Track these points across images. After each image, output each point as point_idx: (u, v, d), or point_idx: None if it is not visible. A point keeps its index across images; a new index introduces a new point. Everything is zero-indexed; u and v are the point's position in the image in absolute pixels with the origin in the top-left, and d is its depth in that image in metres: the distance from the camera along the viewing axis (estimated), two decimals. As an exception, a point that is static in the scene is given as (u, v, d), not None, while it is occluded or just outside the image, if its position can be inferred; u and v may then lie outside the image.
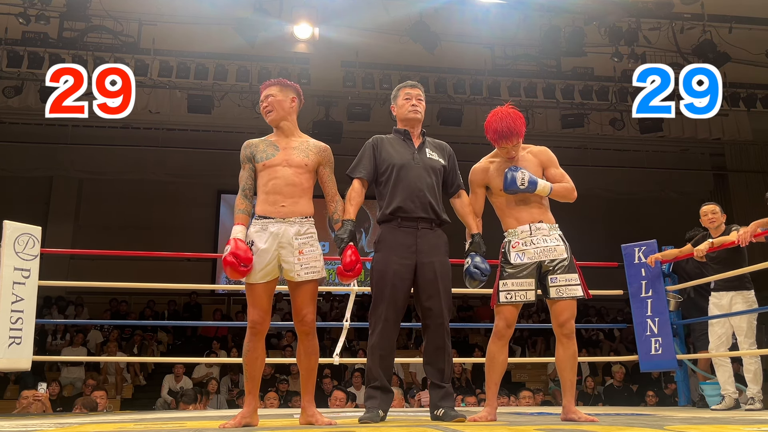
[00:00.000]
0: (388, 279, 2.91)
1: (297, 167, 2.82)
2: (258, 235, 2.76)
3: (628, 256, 5.14)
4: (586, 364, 9.22)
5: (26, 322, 4.15)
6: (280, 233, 2.75)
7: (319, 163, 2.91)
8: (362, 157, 3.10)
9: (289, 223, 2.77)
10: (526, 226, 3.06)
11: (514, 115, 3.05)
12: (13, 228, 4.20)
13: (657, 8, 8.02)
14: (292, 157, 2.84)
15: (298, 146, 2.88)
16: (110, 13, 8.08)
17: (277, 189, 2.79)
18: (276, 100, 2.93)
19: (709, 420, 2.96)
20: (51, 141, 10.98)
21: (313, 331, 2.80)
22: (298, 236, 2.76)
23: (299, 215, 2.79)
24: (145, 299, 11.08)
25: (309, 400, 2.83)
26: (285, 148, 2.87)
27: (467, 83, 9.24)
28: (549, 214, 3.13)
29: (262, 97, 2.96)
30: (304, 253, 2.76)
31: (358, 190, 3.02)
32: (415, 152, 3.08)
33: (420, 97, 3.15)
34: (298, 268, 2.75)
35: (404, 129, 3.15)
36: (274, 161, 2.82)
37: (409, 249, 2.94)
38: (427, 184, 3.01)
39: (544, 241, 3.04)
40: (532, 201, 3.09)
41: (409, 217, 2.97)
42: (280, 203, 2.78)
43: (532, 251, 3.03)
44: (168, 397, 7.74)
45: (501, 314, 3.02)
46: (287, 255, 2.75)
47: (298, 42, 8.29)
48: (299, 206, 2.80)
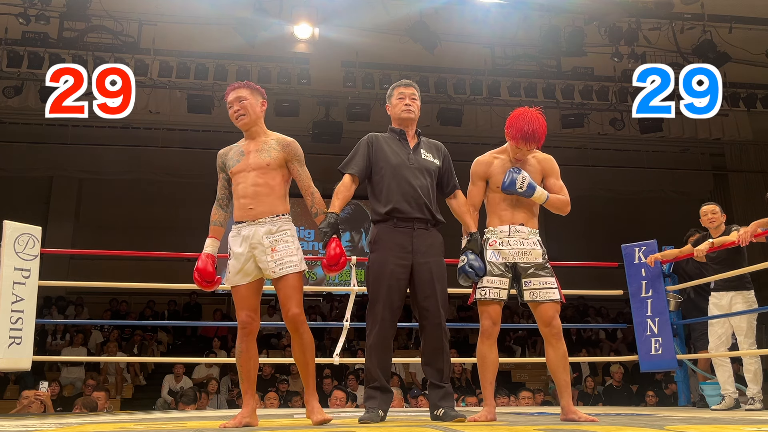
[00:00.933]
0: (384, 279, 2.92)
1: (258, 169, 2.85)
2: (234, 239, 2.86)
3: (628, 256, 5.14)
4: (586, 364, 9.22)
5: (26, 322, 4.15)
6: (250, 235, 2.81)
7: (285, 159, 2.90)
8: (356, 154, 3.09)
9: (260, 224, 2.81)
10: (506, 226, 3.08)
11: (541, 120, 3.07)
12: (13, 228, 4.20)
13: (657, 8, 8.02)
14: (252, 160, 2.87)
15: (260, 148, 2.89)
16: (110, 13, 8.08)
17: (244, 193, 2.84)
18: (249, 103, 2.92)
19: (709, 420, 2.96)
20: (51, 141, 10.99)
21: (302, 325, 2.79)
22: (269, 234, 2.80)
23: (269, 214, 2.82)
24: (145, 299, 11.09)
25: (311, 393, 2.82)
26: (249, 151, 2.89)
27: (467, 83, 9.24)
28: (534, 219, 3.14)
29: (231, 99, 2.93)
30: (278, 250, 2.79)
31: (347, 185, 3.01)
32: (410, 153, 3.08)
33: (414, 96, 3.14)
34: (272, 266, 2.78)
35: (399, 129, 3.14)
36: (240, 167, 2.87)
37: (405, 249, 2.95)
38: (422, 185, 3.01)
39: (521, 243, 3.05)
40: (521, 204, 3.09)
41: (404, 218, 2.97)
42: (248, 206, 2.83)
43: (507, 252, 3.04)
44: (168, 397, 7.74)
45: (485, 313, 3.04)
46: (260, 255, 2.79)
47: (298, 42, 8.28)
48: (267, 205, 2.83)
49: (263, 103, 2.97)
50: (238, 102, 2.91)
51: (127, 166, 11.36)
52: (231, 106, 2.92)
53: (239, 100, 2.91)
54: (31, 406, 4.99)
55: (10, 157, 10.98)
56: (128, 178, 11.56)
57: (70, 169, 11.52)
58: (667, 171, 12.37)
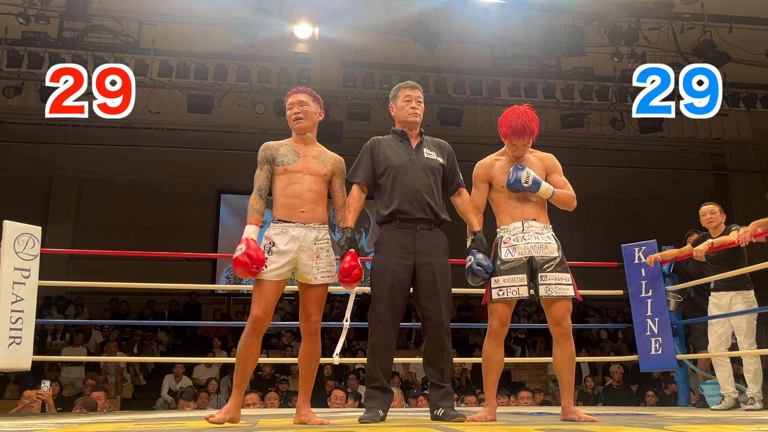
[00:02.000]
0: (386, 280, 2.93)
1: (316, 175, 2.91)
2: (278, 237, 2.83)
3: (628, 256, 5.14)
4: (586, 364, 9.22)
5: (26, 322, 4.15)
6: (300, 237, 2.83)
7: (333, 173, 2.99)
8: (360, 162, 3.12)
9: (309, 228, 2.85)
10: (518, 222, 3.06)
11: (530, 114, 3.09)
12: (13, 228, 4.20)
13: (657, 8, 8.02)
14: (312, 165, 2.92)
15: (317, 156, 2.97)
16: (110, 12, 8.07)
17: (297, 194, 2.86)
18: (309, 109, 2.98)
19: (709, 420, 2.97)
20: (51, 141, 10.98)
21: (318, 332, 2.88)
22: (317, 241, 2.86)
23: (317, 221, 2.88)
24: (145, 299, 11.08)
25: (304, 400, 2.89)
26: (305, 155, 2.94)
27: (467, 83, 9.24)
28: (544, 214, 3.13)
29: (292, 101, 2.99)
30: (321, 258, 2.86)
31: (357, 196, 3.05)
32: (413, 153, 3.09)
33: (420, 99, 3.16)
34: (315, 272, 2.84)
35: (402, 130, 3.16)
36: (295, 167, 2.90)
37: (407, 250, 2.96)
38: (424, 184, 3.02)
39: (536, 237, 3.04)
40: (529, 200, 3.09)
41: (407, 219, 2.98)
42: (300, 208, 2.85)
43: (523, 247, 3.02)
44: (168, 397, 7.74)
45: (494, 313, 3.02)
46: (306, 258, 2.83)
47: (298, 42, 8.28)
48: (317, 212, 2.89)
49: (321, 114, 3.04)
50: (299, 105, 2.97)
51: (127, 166, 11.36)
52: (291, 108, 2.98)
53: (301, 104, 2.97)
54: (32, 405, 4.98)
55: (10, 157, 10.98)
56: (128, 178, 11.56)
57: (70, 169, 11.51)
58: (667, 171, 12.36)
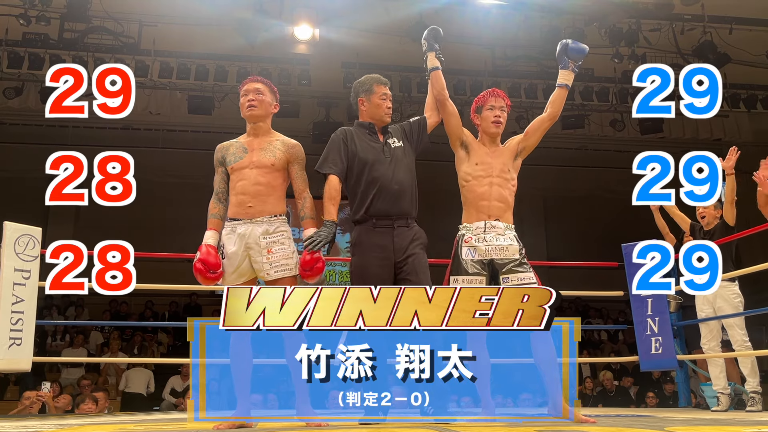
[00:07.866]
0: (367, 281, 2.86)
1: (262, 167, 2.83)
2: (228, 237, 2.81)
3: (628, 256, 5.13)
4: (586, 365, 9.20)
5: (26, 323, 4.15)
6: (246, 234, 2.78)
7: (287, 161, 2.90)
8: (331, 151, 3.03)
9: (257, 223, 2.79)
10: (481, 222, 3.02)
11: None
12: (13, 229, 4.20)
13: (657, 9, 8.02)
14: (258, 158, 2.84)
15: (266, 147, 2.88)
16: (111, 14, 8.07)
17: (244, 190, 2.81)
18: (265, 98, 2.92)
19: (709, 421, 2.96)
20: (51, 142, 10.96)
21: None
22: (266, 235, 2.78)
23: (267, 214, 2.81)
24: (145, 300, 11.08)
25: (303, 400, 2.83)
26: (253, 149, 2.87)
27: (467, 84, 9.22)
28: (509, 214, 3.09)
29: (247, 88, 2.92)
30: (274, 252, 2.77)
31: (337, 186, 2.97)
32: (384, 146, 3.06)
33: (391, 97, 3.20)
34: (267, 267, 2.77)
35: (369, 122, 3.11)
36: (242, 164, 2.85)
37: (386, 249, 2.93)
38: (399, 181, 2.98)
39: (497, 239, 3.00)
40: (499, 196, 3.04)
41: (384, 217, 2.95)
42: (247, 204, 2.80)
43: (483, 248, 2.98)
44: (172, 398, 7.74)
45: None
46: (255, 255, 2.77)
47: (298, 43, 8.29)
48: (267, 205, 2.81)
49: (276, 106, 2.98)
50: (254, 92, 2.90)
51: (127, 166, 11.34)
52: (246, 95, 2.91)
53: (256, 91, 2.90)
54: (32, 407, 4.98)
55: (10, 157, 10.98)
56: (129, 178, 11.54)
57: (71, 170, 11.50)
58: (667, 172, 12.33)
